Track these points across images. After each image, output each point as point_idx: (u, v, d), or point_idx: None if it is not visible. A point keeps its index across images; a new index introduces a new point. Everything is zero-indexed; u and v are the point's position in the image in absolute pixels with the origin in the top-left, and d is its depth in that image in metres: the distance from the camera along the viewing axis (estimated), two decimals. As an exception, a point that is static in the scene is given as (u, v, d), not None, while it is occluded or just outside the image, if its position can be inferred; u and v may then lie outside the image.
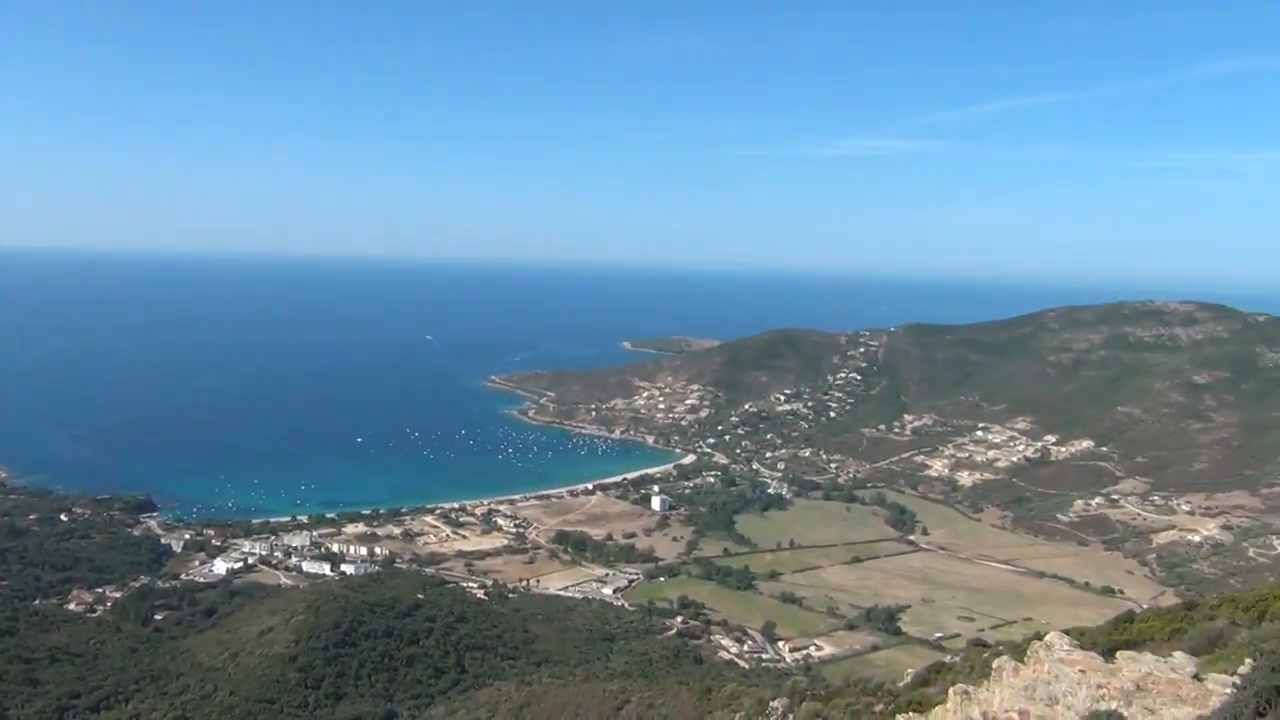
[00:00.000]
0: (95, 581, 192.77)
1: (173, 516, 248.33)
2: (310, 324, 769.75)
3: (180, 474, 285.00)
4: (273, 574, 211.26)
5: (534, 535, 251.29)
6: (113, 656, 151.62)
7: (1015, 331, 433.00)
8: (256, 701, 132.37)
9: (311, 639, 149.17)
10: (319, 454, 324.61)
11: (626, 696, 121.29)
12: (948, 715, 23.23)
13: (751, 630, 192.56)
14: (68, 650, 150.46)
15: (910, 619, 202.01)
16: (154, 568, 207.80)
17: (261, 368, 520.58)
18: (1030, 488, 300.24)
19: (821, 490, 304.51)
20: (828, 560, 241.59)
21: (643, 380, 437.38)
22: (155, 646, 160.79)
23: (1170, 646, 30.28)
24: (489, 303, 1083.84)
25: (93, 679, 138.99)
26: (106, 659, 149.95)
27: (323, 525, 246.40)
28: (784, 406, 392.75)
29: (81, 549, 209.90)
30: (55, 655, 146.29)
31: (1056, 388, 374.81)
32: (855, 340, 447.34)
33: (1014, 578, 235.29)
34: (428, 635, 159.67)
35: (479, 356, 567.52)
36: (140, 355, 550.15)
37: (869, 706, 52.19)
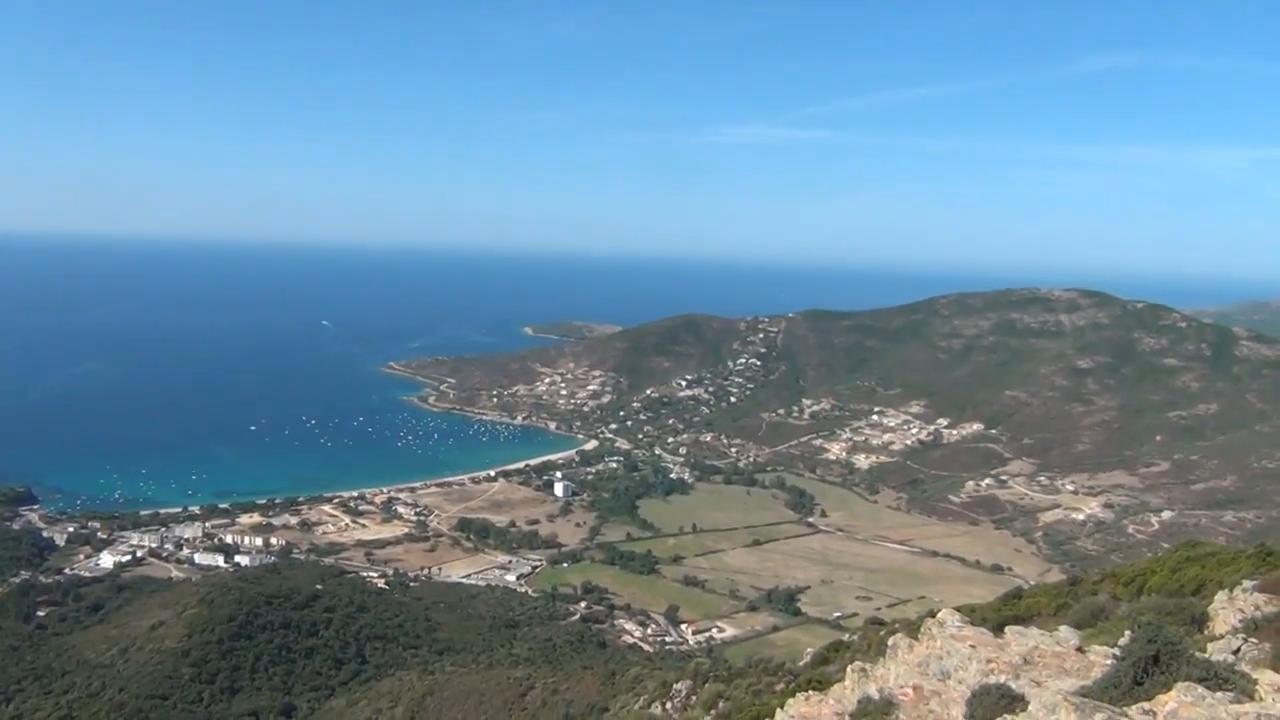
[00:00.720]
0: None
1: (54, 509, 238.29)
2: (201, 308, 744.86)
3: (61, 464, 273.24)
4: (163, 567, 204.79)
5: (435, 523, 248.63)
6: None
7: (909, 317, 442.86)
8: (148, 698, 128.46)
9: (205, 632, 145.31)
10: (210, 442, 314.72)
11: (531, 683, 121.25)
12: (845, 693, 23.80)
13: (655, 614, 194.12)
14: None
15: (810, 599, 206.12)
16: (35, 563, 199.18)
17: (148, 352, 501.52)
18: (924, 470, 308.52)
19: (723, 474, 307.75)
20: (729, 543, 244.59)
21: (544, 366, 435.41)
22: (38, 644, 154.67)
23: (1056, 621, 31.61)
24: (387, 288, 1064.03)
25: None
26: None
27: (216, 516, 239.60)
28: (685, 392, 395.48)
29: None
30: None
31: (948, 372, 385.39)
32: (755, 326, 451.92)
33: (909, 557, 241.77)
34: (327, 626, 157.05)
35: (377, 342, 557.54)
36: (12, 338, 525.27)
37: (770, 686, 53.21)
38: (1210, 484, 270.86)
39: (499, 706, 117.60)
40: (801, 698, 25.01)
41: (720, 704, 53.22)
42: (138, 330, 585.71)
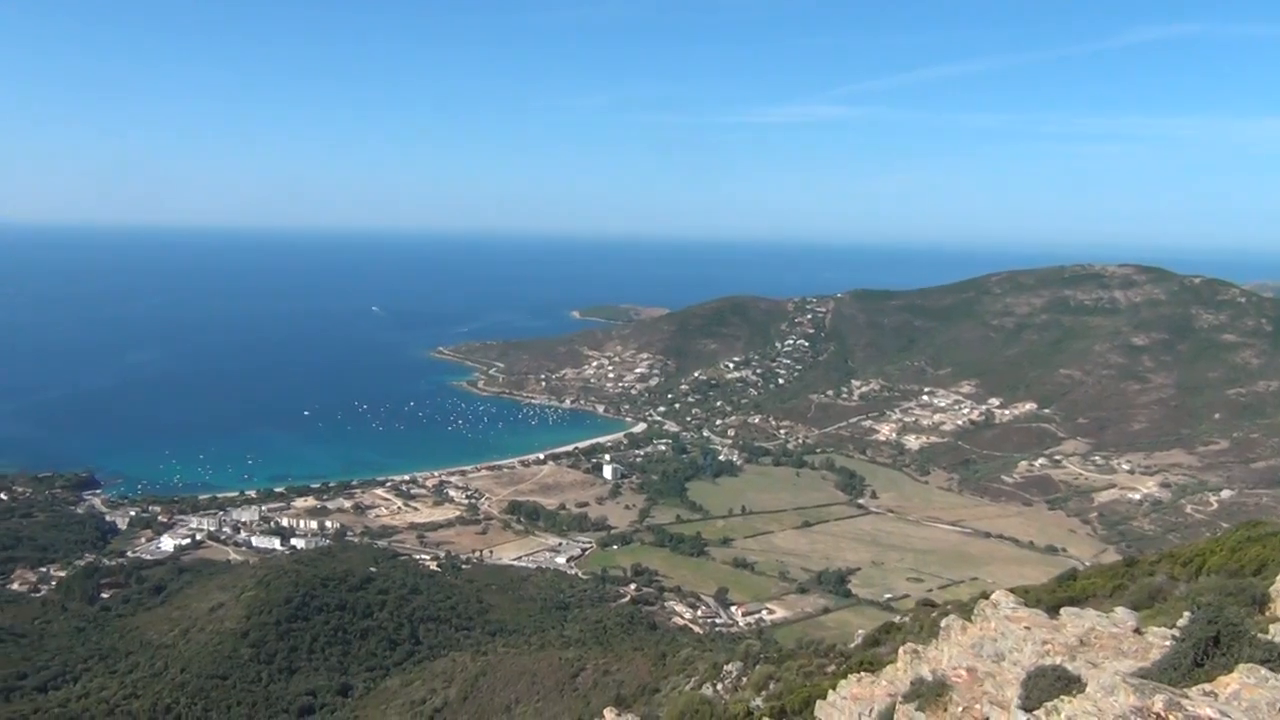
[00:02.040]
0: (39, 560, 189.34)
1: (117, 494, 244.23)
2: (251, 296, 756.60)
3: (123, 450, 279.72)
4: (222, 550, 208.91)
5: (486, 506, 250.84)
6: (59, 636, 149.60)
7: (959, 296, 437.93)
8: (209, 678, 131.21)
9: (263, 614, 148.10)
10: (266, 428, 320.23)
11: (582, 664, 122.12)
12: (898, 674, 23.71)
13: (704, 596, 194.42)
14: (12, 631, 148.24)
15: (860, 581, 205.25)
16: (99, 546, 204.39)
17: (205, 341, 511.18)
18: (975, 450, 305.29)
19: (771, 456, 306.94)
20: (779, 525, 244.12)
21: (592, 350, 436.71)
22: (103, 625, 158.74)
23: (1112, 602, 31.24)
24: (436, 274, 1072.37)
25: (39, 659, 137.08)
26: (53, 638, 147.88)
27: (271, 500, 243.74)
28: (733, 374, 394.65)
29: (23, 528, 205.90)
30: (0, 636, 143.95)
31: (1000, 351, 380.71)
32: (803, 307, 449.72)
33: (961, 538, 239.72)
34: (381, 608, 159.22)
35: (426, 328, 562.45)
36: (78, 329, 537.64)
37: (821, 668, 53.09)
38: (1271, 462, 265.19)
39: (551, 687, 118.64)
40: (853, 679, 24.96)
41: (771, 685, 53.22)
42: (190, 319, 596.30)
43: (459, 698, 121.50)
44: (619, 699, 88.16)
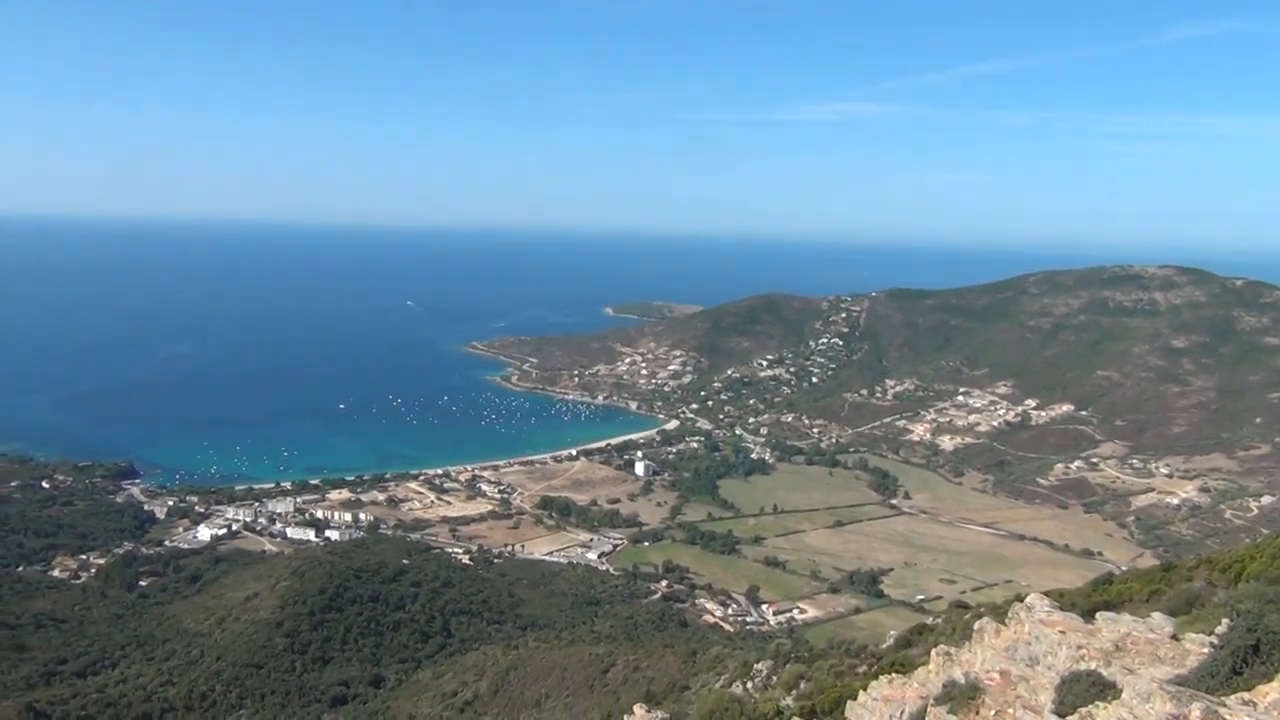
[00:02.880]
0: (79, 548, 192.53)
1: (155, 483, 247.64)
2: (290, 290, 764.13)
3: (161, 440, 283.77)
4: (257, 540, 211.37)
5: (518, 501, 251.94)
6: (98, 622, 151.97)
7: (996, 296, 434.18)
8: (243, 666, 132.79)
9: (297, 604, 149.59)
10: (301, 420, 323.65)
11: (612, 659, 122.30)
12: (930, 676, 23.59)
13: (735, 594, 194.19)
14: (53, 616, 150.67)
15: (892, 582, 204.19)
16: (138, 534, 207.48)
17: (240, 333, 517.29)
18: (1011, 451, 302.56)
19: (804, 455, 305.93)
20: (811, 524, 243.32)
21: (625, 346, 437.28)
22: (141, 612, 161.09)
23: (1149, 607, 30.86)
24: (470, 269, 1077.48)
25: (79, 644, 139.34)
26: (92, 625, 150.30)
27: (307, 491, 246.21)
28: (766, 372, 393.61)
29: (64, 516, 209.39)
30: (40, 621, 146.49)
31: (1037, 352, 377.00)
32: (837, 305, 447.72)
33: (995, 540, 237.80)
34: (414, 600, 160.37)
35: (460, 323, 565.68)
36: (115, 322, 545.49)
37: (852, 668, 52.87)
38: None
39: (581, 682, 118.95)
40: (885, 680, 24.88)
41: (802, 685, 53.07)
42: (226, 313, 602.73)
43: (490, 691, 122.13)
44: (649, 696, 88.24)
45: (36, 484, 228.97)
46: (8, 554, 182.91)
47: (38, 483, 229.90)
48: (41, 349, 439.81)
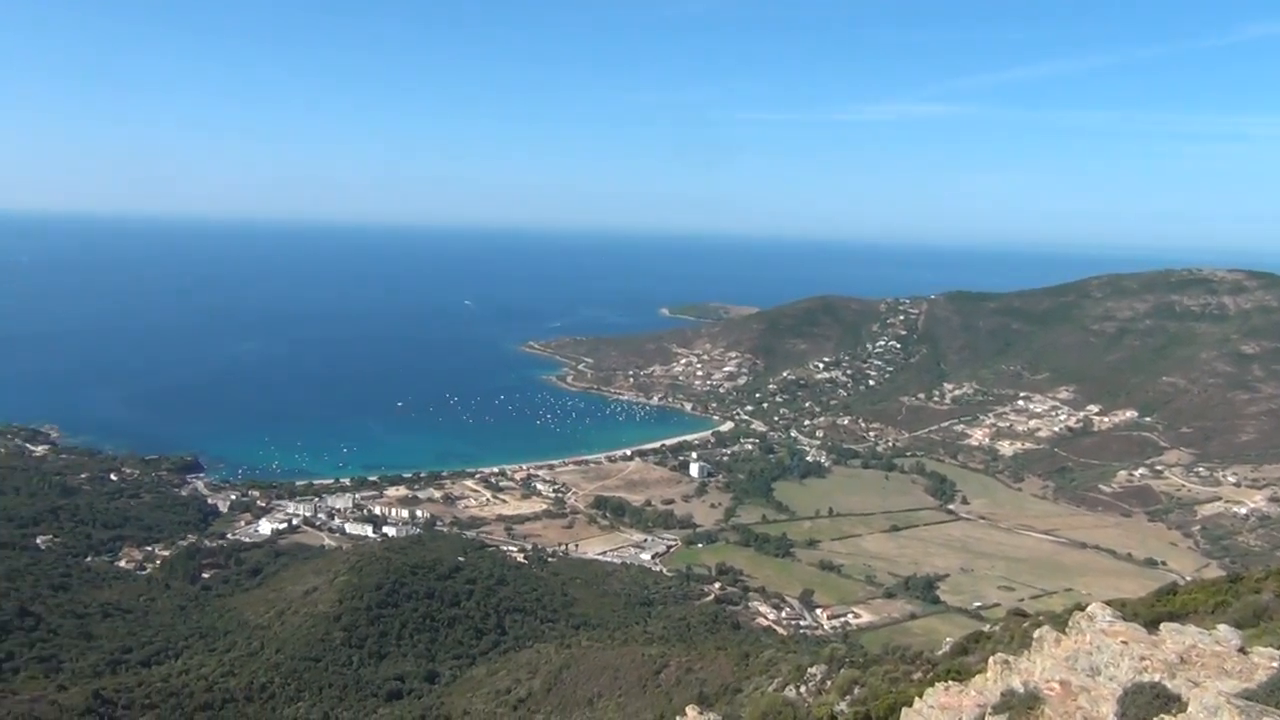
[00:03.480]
0: (145, 540, 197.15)
1: (219, 477, 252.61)
2: (349, 289, 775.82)
3: (224, 435, 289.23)
4: (316, 535, 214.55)
5: (573, 500, 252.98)
6: (162, 613, 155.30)
7: (1058, 299, 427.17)
8: (302, 659, 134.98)
9: (355, 599, 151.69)
10: (360, 417, 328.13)
11: (665, 660, 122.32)
12: (987, 685, 23.28)
13: (789, 597, 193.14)
14: (119, 606, 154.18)
15: (949, 588, 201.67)
16: (201, 527, 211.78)
17: (301, 331, 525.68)
18: (1072, 458, 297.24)
19: (860, 458, 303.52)
20: (866, 528, 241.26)
21: (681, 347, 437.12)
22: (203, 604, 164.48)
23: (1214, 619, 30.16)
24: (526, 269, 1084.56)
25: (144, 634, 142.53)
26: (156, 615, 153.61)
27: (365, 488, 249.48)
28: (823, 374, 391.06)
29: (131, 508, 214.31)
30: (107, 611, 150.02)
31: (1100, 357, 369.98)
32: (895, 308, 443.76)
33: (1055, 548, 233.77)
34: (469, 597, 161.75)
35: (517, 322, 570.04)
36: (179, 318, 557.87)
37: (907, 674, 52.32)
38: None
39: (633, 682, 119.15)
40: (941, 687, 24.60)
41: (855, 690, 52.65)
42: (287, 310, 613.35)
43: (543, 689, 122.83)
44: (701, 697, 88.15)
45: (105, 476, 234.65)
46: (77, 544, 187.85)
47: (106, 475, 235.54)
48: (109, 344, 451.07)
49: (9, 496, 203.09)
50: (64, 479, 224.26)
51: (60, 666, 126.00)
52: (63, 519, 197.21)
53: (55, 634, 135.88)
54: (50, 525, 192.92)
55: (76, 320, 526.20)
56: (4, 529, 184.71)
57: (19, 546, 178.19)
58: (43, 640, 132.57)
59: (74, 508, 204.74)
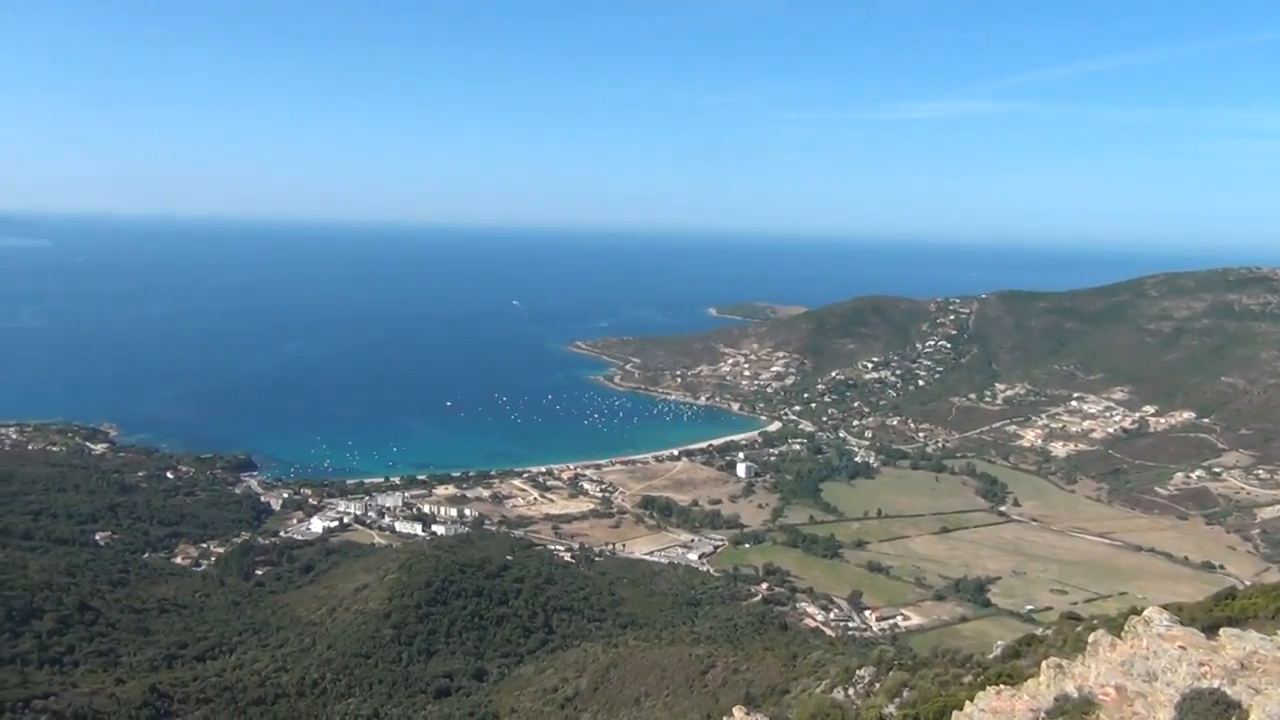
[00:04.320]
0: (200, 537, 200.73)
1: (271, 476, 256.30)
2: (396, 289, 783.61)
3: (277, 435, 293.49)
4: (367, 533, 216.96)
5: (620, 500, 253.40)
6: (217, 609, 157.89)
7: (1112, 299, 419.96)
8: (353, 656, 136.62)
9: (404, 597, 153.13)
10: (409, 417, 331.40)
11: (712, 661, 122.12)
12: (1040, 689, 22.96)
13: (837, 598, 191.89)
14: (175, 602, 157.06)
15: (1000, 591, 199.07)
16: (254, 525, 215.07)
17: (349, 332, 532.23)
18: (1127, 459, 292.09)
19: (909, 459, 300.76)
20: (916, 530, 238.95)
21: (728, 347, 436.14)
22: (256, 600, 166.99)
23: (1275, 624, 29.52)
24: (573, 269, 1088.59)
25: (199, 629, 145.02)
26: (211, 611, 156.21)
27: (414, 486, 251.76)
28: (871, 374, 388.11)
29: (187, 505, 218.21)
30: (164, 606, 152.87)
31: (1156, 357, 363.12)
32: (945, 307, 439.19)
33: (1109, 551, 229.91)
34: (516, 596, 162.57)
35: (564, 322, 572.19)
36: (230, 320, 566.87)
37: (958, 677, 51.74)
38: None
39: (680, 682, 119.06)
40: (992, 691, 24.32)
41: (905, 693, 52.18)
42: (338, 311, 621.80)
43: (590, 688, 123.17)
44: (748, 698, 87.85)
45: (162, 474, 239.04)
46: (135, 541, 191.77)
47: (163, 473, 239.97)
48: (163, 344, 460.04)
49: (69, 494, 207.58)
50: (122, 477, 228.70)
51: (118, 660, 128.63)
52: (121, 516, 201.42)
53: (114, 628, 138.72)
54: (109, 522, 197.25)
55: (133, 321, 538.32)
56: (65, 526, 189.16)
57: (79, 543, 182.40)
58: (102, 635, 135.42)
59: (132, 505, 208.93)
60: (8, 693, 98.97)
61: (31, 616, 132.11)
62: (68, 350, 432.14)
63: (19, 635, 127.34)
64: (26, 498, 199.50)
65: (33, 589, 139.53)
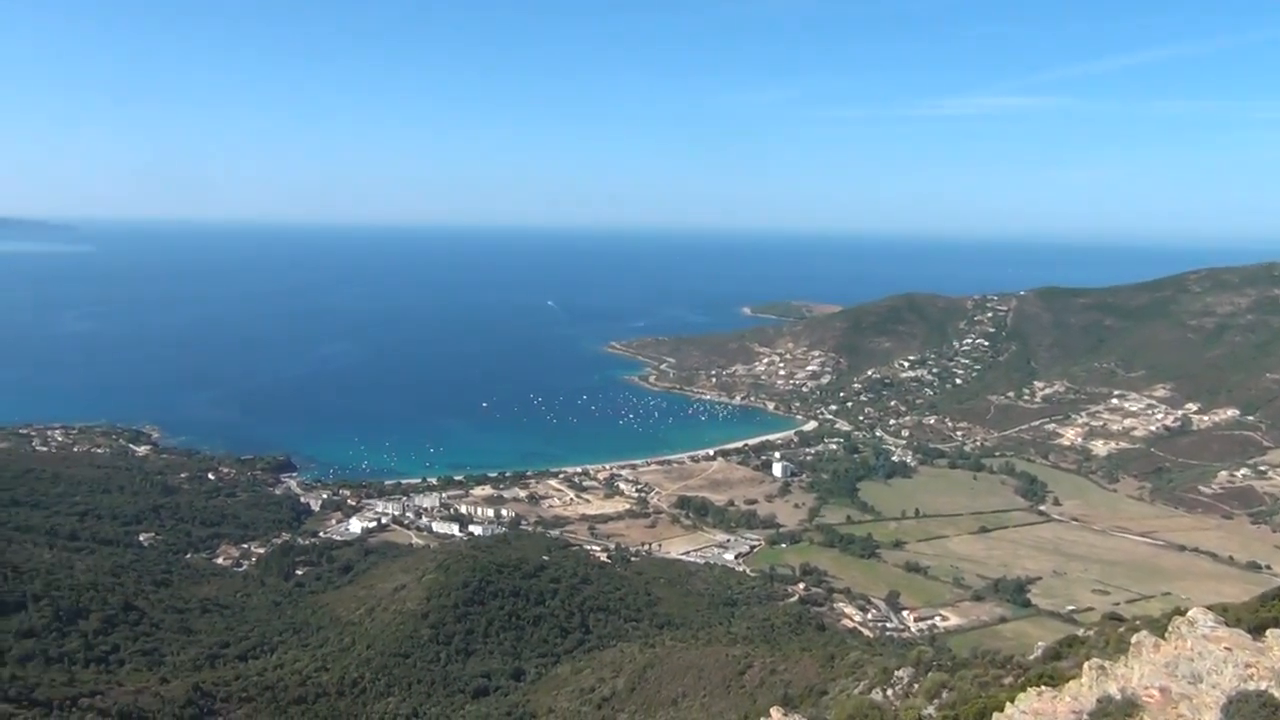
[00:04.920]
0: (241, 537, 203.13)
1: (311, 477, 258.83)
2: (430, 291, 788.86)
3: (316, 436, 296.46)
4: (405, 533, 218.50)
5: (655, 500, 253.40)
6: (258, 608, 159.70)
7: (1154, 295, 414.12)
8: (391, 655, 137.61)
9: (442, 597, 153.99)
10: (446, 418, 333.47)
11: (749, 661, 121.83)
12: (1082, 691, 22.73)
13: (875, 599, 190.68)
14: (217, 602, 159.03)
15: (1040, 591, 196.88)
16: (294, 525, 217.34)
17: (386, 334, 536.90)
18: (1170, 458, 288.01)
19: (947, 458, 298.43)
20: (954, 529, 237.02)
21: (763, 346, 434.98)
22: (296, 600, 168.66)
23: (1324, 626, 28.93)
24: (608, 269, 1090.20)
25: (240, 629, 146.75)
26: (252, 610, 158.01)
27: (451, 487, 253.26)
28: (908, 373, 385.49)
29: (228, 506, 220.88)
30: (206, 606, 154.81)
31: (1199, 353, 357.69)
32: (983, 305, 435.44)
33: (1152, 551, 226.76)
34: (553, 596, 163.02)
35: (599, 322, 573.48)
36: (268, 323, 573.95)
37: (998, 679, 51.29)
38: None
39: (717, 683, 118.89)
40: (1033, 693, 24.13)
41: (944, 694, 51.82)
42: (375, 313, 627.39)
43: (627, 688, 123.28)
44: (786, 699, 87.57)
45: (203, 476, 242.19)
46: (178, 541, 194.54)
47: (204, 475, 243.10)
48: (203, 348, 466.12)
49: (114, 495, 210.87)
50: (165, 478, 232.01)
51: (162, 660, 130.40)
52: (164, 517, 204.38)
53: (157, 628, 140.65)
54: (152, 523, 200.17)
55: (174, 324, 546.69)
56: (110, 526, 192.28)
57: (124, 543, 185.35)
58: (146, 634, 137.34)
59: (174, 506, 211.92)
60: (55, 691, 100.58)
61: (78, 616, 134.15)
62: (112, 354, 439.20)
63: (66, 634, 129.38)
64: (73, 499, 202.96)
65: (79, 589, 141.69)
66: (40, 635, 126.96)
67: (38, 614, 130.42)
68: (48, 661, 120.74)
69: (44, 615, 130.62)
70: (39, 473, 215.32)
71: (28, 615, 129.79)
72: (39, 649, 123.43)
